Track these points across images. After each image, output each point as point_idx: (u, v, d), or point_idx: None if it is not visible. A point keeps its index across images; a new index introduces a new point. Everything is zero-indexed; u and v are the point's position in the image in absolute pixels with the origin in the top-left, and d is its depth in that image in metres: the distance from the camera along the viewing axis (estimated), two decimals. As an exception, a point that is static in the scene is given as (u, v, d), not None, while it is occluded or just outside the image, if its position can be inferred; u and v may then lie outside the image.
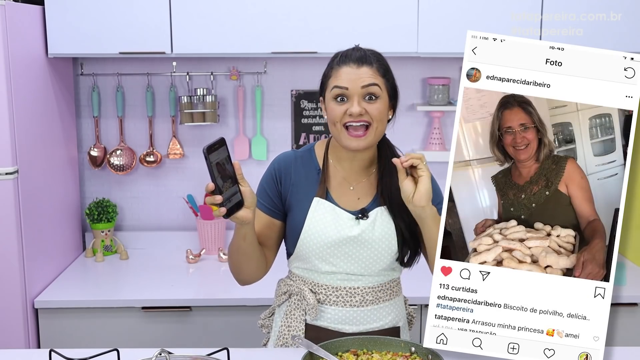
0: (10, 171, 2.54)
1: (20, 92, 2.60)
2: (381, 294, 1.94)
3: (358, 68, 1.81)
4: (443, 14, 2.81)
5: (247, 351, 1.96)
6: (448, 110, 3.21)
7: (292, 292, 1.97)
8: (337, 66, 1.83)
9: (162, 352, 1.66)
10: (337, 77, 1.82)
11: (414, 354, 1.76)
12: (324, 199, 1.89)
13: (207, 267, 3.07)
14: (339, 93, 1.80)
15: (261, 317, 2.11)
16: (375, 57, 1.85)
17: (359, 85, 1.79)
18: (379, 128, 1.83)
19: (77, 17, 2.80)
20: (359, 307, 1.92)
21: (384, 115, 1.83)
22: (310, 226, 1.87)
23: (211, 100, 3.14)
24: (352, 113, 1.78)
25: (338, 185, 1.92)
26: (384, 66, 1.86)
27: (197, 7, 2.80)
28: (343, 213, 1.88)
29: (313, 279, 1.94)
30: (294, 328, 1.94)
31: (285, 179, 1.93)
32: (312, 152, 1.97)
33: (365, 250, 1.88)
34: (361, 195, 1.92)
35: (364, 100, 1.80)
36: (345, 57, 1.84)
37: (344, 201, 1.91)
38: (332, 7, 2.80)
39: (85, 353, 1.76)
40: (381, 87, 1.82)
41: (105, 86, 3.23)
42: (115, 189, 3.31)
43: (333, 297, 1.91)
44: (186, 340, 2.72)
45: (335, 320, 1.92)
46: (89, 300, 2.72)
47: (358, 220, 1.88)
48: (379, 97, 1.81)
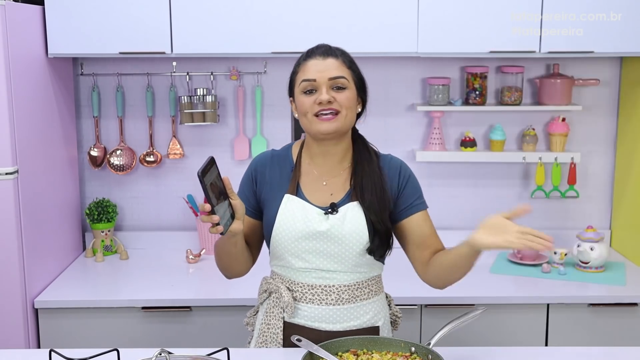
0: (10, 171, 2.54)
1: (20, 92, 2.60)
2: (358, 292, 1.94)
3: (324, 60, 1.87)
4: (443, 14, 2.81)
5: (247, 351, 1.97)
6: (448, 110, 3.21)
7: (272, 290, 1.99)
8: (303, 62, 1.90)
9: (162, 352, 1.66)
10: (304, 71, 1.88)
11: (414, 354, 1.76)
12: (294, 195, 1.92)
13: (207, 267, 3.07)
14: (307, 85, 1.87)
15: (247, 316, 2.14)
16: (340, 51, 1.92)
17: (326, 77, 1.85)
18: (349, 115, 1.87)
19: (77, 17, 2.80)
20: (335, 306, 1.92)
21: (352, 104, 1.88)
22: (281, 222, 1.91)
23: (211, 100, 3.14)
24: (321, 101, 1.84)
25: (311, 182, 1.95)
26: (349, 59, 1.92)
27: (197, 7, 2.80)
28: (312, 208, 1.91)
29: (290, 276, 1.96)
30: (273, 326, 1.96)
31: (260, 178, 1.98)
32: (289, 150, 2.01)
33: (334, 246, 1.90)
34: (334, 191, 1.94)
35: (332, 90, 1.86)
36: (311, 52, 1.91)
37: (316, 197, 1.93)
38: (332, 7, 2.80)
39: (85, 353, 1.76)
40: (348, 78, 1.87)
41: (105, 86, 3.23)
42: (115, 189, 3.31)
43: (309, 295, 1.93)
44: (186, 340, 2.72)
45: (312, 318, 1.93)
46: (89, 300, 2.72)
47: (327, 215, 1.90)
48: (347, 87, 1.87)
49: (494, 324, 2.72)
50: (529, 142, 3.22)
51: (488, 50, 2.85)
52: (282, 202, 1.92)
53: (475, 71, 3.14)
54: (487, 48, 2.85)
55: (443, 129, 3.24)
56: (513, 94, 3.16)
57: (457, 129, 3.27)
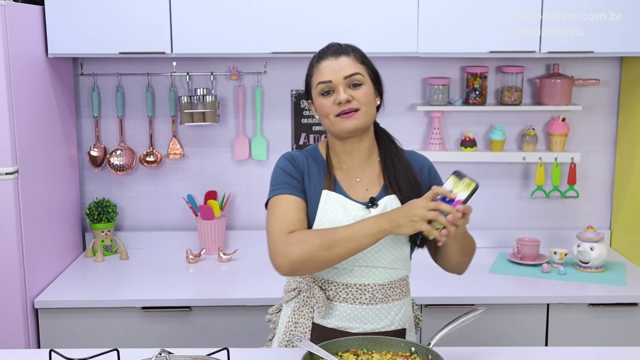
0: (10, 171, 2.54)
1: (20, 92, 2.60)
2: (390, 292, 1.94)
3: (337, 59, 1.88)
4: (443, 14, 2.81)
5: (247, 351, 1.97)
6: (448, 110, 3.21)
7: (302, 289, 1.97)
8: (316, 64, 1.91)
9: (162, 352, 1.66)
10: (319, 73, 1.89)
11: (414, 354, 1.76)
12: (333, 191, 1.92)
13: (207, 267, 3.07)
14: (324, 87, 1.88)
15: (269, 312, 2.12)
16: (350, 48, 1.92)
17: (341, 76, 1.86)
18: (369, 111, 1.89)
19: (77, 17, 2.80)
20: (368, 305, 1.92)
21: (371, 99, 1.89)
22: (321, 219, 1.89)
23: (211, 100, 3.14)
24: (340, 101, 1.85)
25: (345, 178, 1.96)
26: (361, 54, 1.93)
27: (197, 7, 2.80)
28: (353, 204, 1.91)
29: (323, 275, 1.94)
30: (301, 325, 1.94)
31: (300, 169, 1.95)
32: (317, 150, 2.01)
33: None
34: (369, 186, 1.95)
35: (349, 88, 1.87)
36: (322, 53, 1.92)
37: (353, 192, 1.94)
38: (332, 7, 2.80)
39: (85, 353, 1.76)
40: (363, 74, 1.89)
41: (105, 86, 3.23)
42: (115, 189, 3.31)
43: (343, 294, 1.92)
44: (186, 340, 2.72)
45: (344, 317, 1.92)
46: (89, 300, 2.72)
47: (369, 210, 1.90)
48: (363, 83, 1.88)
49: (494, 324, 2.72)
50: (529, 142, 3.22)
51: (488, 50, 2.85)
52: (322, 198, 1.91)
53: (475, 71, 3.14)
54: (487, 48, 2.85)
55: (443, 129, 3.24)
56: (513, 94, 3.16)
57: (457, 129, 3.27)
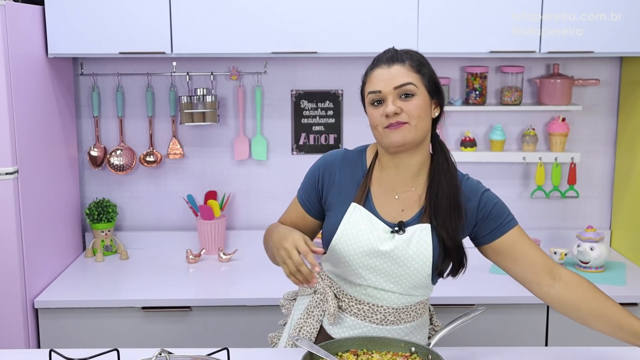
0: (10, 171, 2.54)
1: (20, 92, 2.60)
2: (404, 315, 1.88)
3: (389, 67, 1.76)
4: (443, 13, 2.81)
5: (247, 351, 1.97)
6: (448, 110, 3.20)
7: (318, 290, 1.93)
8: (370, 71, 1.81)
9: (162, 352, 1.66)
10: (370, 82, 1.79)
11: (414, 354, 1.76)
12: (362, 205, 1.82)
13: (207, 267, 3.07)
14: (374, 97, 1.77)
15: (283, 297, 2.08)
16: (407, 55, 1.79)
17: (391, 87, 1.74)
18: (419, 125, 1.75)
19: (77, 17, 2.80)
20: (378, 325, 1.87)
21: (422, 112, 1.75)
22: (344, 232, 1.82)
23: (211, 100, 3.13)
24: (387, 113, 1.73)
25: (382, 193, 1.85)
26: (418, 62, 1.78)
27: (197, 7, 2.80)
28: (379, 224, 1.81)
29: (340, 285, 1.89)
30: (309, 325, 1.91)
31: (328, 177, 1.88)
32: (363, 153, 1.90)
33: (396, 267, 1.81)
34: (406, 207, 1.83)
35: (399, 99, 1.75)
36: (377, 60, 1.80)
37: (385, 210, 1.83)
38: (332, 7, 2.80)
39: (85, 353, 1.76)
40: (416, 84, 1.75)
41: (105, 86, 3.23)
42: (115, 189, 3.30)
43: (355, 309, 1.87)
44: (186, 340, 2.72)
45: (353, 330, 1.88)
46: (89, 300, 2.72)
47: (393, 235, 1.80)
48: (415, 94, 1.75)
49: (494, 324, 2.71)
50: (529, 142, 3.22)
51: (488, 50, 2.85)
52: (348, 210, 1.82)
53: (475, 71, 3.14)
54: (487, 48, 2.85)
55: (443, 129, 3.24)
56: (513, 94, 3.16)
57: (457, 129, 3.27)
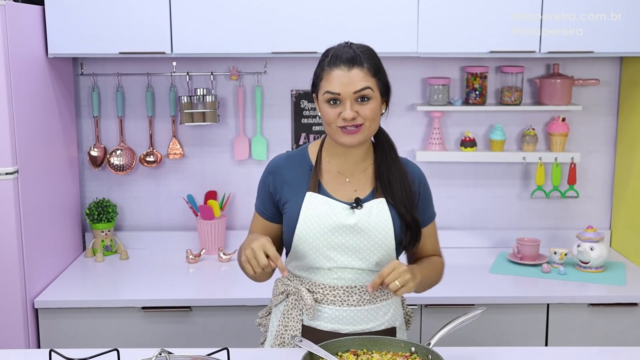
0: (10, 171, 2.54)
1: (20, 92, 2.60)
2: (378, 293, 1.95)
3: (349, 70, 1.81)
4: (443, 14, 2.81)
5: (247, 351, 1.97)
6: (448, 110, 3.21)
7: (290, 292, 1.97)
8: (328, 68, 1.84)
9: (162, 352, 1.66)
10: (328, 80, 1.83)
11: (414, 354, 1.76)
12: (317, 193, 1.92)
13: (207, 267, 3.07)
14: (331, 97, 1.83)
15: (258, 316, 2.12)
16: (366, 57, 1.84)
17: (350, 91, 1.81)
18: (372, 126, 1.86)
19: (77, 17, 2.80)
20: (356, 307, 1.92)
21: (376, 114, 1.86)
22: (305, 219, 1.89)
23: (211, 100, 3.14)
24: (345, 117, 1.81)
25: (333, 179, 1.95)
26: (375, 65, 1.86)
27: (197, 7, 2.80)
28: (337, 203, 1.90)
29: (310, 278, 1.94)
30: (291, 328, 1.95)
31: (276, 180, 1.96)
32: (305, 151, 2.01)
33: (362, 239, 1.89)
34: (358, 188, 1.94)
35: (356, 103, 1.83)
36: (335, 58, 1.84)
37: (340, 193, 1.93)
38: (332, 7, 2.80)
39: (85, 353, 1.76)
40: (373, 88, 1.83)
41: (105, 86, 3.23)
42: (115, 189, 3.31)
43: (330, 296, 1.92)
44: (186, 340, 2.72)
45: (332, 319, 1.92)
46: (89, 300, 2.72)
47: (353, 210, 1.89)
48: (371, 97, 1.83)
49: (494, 324, 2.72)
50: (529, 142, 3.22)
51: (488, 50, 2.85)
52: (305, 199, 1.91)
53: (475, 71, 3.14)
54: (487, 48, 2.85)
55: (443, 129, 3.24)
56: (513, 94, 3.15)
57: (457, 129, 3.27)
